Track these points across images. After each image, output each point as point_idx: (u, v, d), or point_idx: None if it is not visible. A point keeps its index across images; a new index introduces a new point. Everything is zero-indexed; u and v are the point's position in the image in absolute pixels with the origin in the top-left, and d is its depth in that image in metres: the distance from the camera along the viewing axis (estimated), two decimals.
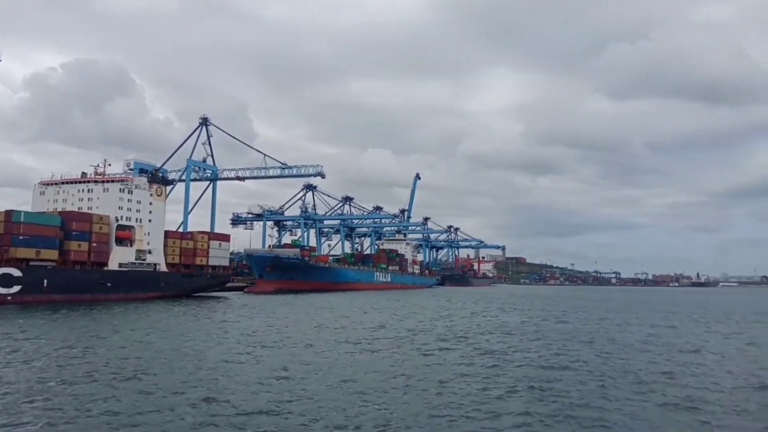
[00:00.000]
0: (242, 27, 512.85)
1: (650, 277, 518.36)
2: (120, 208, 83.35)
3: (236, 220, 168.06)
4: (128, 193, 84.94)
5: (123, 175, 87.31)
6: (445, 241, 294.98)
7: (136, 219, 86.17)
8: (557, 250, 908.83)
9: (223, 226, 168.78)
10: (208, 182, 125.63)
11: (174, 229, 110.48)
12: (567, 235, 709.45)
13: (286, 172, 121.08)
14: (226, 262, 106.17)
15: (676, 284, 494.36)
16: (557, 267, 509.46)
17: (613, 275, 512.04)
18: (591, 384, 24.03)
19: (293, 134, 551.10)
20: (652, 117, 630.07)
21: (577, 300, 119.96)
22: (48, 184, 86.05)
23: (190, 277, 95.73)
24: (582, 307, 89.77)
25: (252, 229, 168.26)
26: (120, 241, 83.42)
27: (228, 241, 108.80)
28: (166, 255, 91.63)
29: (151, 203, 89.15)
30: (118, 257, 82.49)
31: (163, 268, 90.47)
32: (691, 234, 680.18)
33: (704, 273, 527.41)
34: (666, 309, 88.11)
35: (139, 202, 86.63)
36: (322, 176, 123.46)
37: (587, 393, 22.28)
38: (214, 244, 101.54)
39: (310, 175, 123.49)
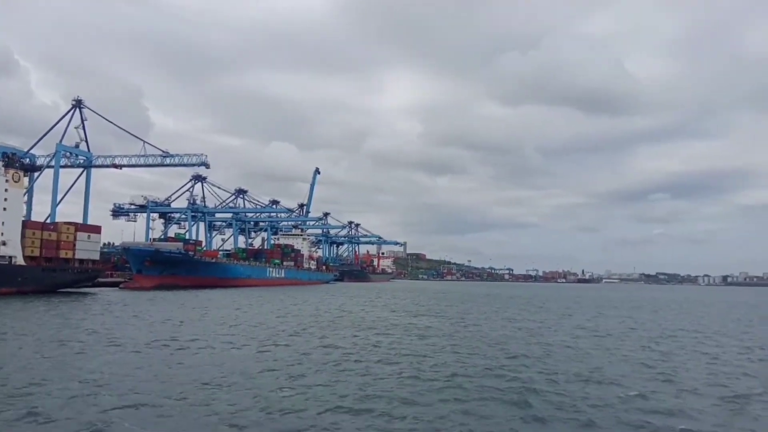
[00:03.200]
0: (138, 12, 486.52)
1: (540, 273, 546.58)
2: None
3: (118, 212, 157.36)
4: None
5: None
6: (345, 237, 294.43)
7: None
8: (455, 246, 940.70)
9: (106, 218, 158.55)
10: (81, 169, 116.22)
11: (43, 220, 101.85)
12: (464, 233, 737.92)
13: (168, 160, 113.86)
14: (96, 256, 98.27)
15: (564, 280, 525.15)
16: (454, 263, 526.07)
17: (507, 271, 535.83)
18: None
19: (193, 125, 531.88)
20: (541, 123, 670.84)
21: (454, 294, 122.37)
22: None
23: (53, 271, 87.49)
24: (466, 300, 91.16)
25: (135, 221, 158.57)
26: None
27: (99, 233, 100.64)
28: (24, 247, 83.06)
29: (6, 190, 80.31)
30: None
31: (20, 261, 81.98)
32: (578, 233, 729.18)
33: (589, 270, 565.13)
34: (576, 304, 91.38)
35: None
36: (207, 166, 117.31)
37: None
38: (81, 236, 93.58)
39: (193, 165, 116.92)
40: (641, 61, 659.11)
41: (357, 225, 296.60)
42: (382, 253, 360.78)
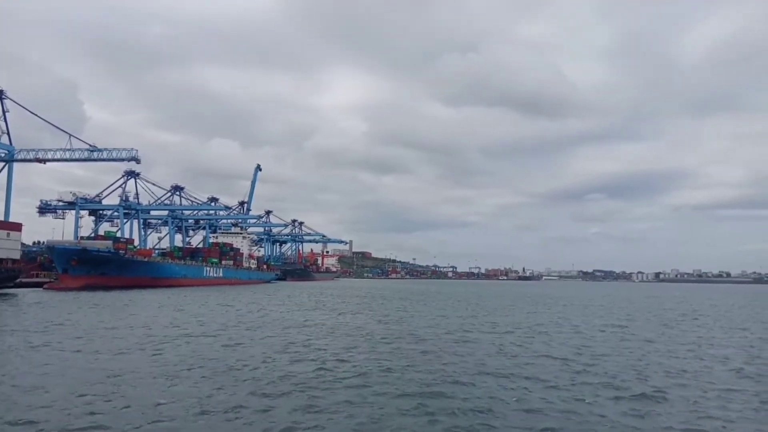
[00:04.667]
0: (72, 2, 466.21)
1: (483, 271, 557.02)
2: None
3: (44, 208, 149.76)
4: None
5: None
6: (288, 236, 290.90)
7: None
8: (401, 245, 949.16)
9: (34, 216, 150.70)
10: (2, 164, 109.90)
11: None
12: (410, 231, 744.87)
13: (96, 155, 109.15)
14: (16, 255, 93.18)
15: (505, 278, 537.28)
16: (399, 261, 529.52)
17: (450, 269, 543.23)
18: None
19: (130, 120, 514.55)
20: (482, 124, 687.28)
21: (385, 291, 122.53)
22: None
23: None
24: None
25: (63, 218, 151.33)
26: None
27: (19, 230, 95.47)
28: None
29: None
30: None
31: None
32: (518, 232, 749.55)
33: (529, 268, 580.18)
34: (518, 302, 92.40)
35: None
36: (137, 161, 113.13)
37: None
38: (0, 233, 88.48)
39: (123, 159, 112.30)
40: (577, 66, 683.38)
41: (301, 223, 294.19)
42: (327, 252, 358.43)
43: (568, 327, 47.72)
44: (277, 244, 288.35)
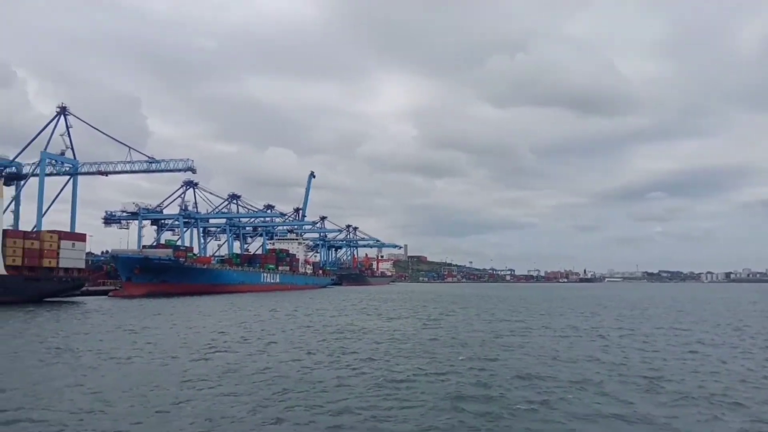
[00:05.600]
0: (126, 20, 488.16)
1: (542, 273, 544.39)
2: None
3: (109, 219, 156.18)
4: None
5: None
6: (343, 241, 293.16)
7: None
8: (457, 248, 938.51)
9: (99, 227, 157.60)
10: (68, 177, 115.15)
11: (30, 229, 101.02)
12: (464, 235, 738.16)
13: (154, 166, 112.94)
14: (81, 264, 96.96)
15: (566, 280, 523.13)
16: (455, 265, 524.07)
17: (508, 272, 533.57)
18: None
19: (189, 132, 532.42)
20: (533, 124, 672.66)
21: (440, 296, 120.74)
22: None
23: (36, 280, 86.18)
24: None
25: (127, 228, 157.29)
26: None
27: (84, 241, 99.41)
28: (5, 256, 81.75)
29: None
30: None
31: (0, 270, 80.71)
32: (577, 233, 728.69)
33: (591, 269, 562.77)
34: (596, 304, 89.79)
35: None
36: (193, 171, 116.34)
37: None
38: (66, 244, 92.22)
39: (179, 170, 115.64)
40: (630, 62, 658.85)
41: (355, 229, 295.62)
42: (382, 257, 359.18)
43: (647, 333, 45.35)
44: (333, 249, 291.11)
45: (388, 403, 19.21)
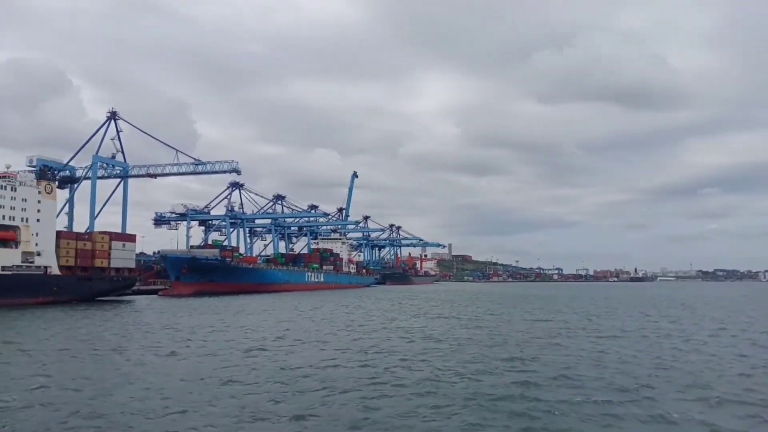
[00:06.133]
0: (175, 27, 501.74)
1: (591, 272, 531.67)
2: (1, 206, 76.59)
3: (159, 220, 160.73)
4: (11, 190, 77.99)
5: (5, 171, 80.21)
6: (386, 240, 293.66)
7: (21, 218, 79.28)
8: (502, 247, 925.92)
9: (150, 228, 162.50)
10: (118, 179, 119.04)
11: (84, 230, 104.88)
12: (511, 233, 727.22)
13: (200, 168, 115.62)
14: (131, 264, 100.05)
15: (616, 279, 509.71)
16: (501, 264, 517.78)
17: (556, 271, 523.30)
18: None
19: (236, 134, 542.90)
20: (580, 120, 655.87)
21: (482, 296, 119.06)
22: None
23: (89, 280, 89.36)
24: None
25: (177, 229, 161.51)
26: (2, 243, 76.48)
27: (134, 241, 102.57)
28: (59, 257, 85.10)
29: (39, 201, 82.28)
30: (1, 260, 75.78)
31: (55, 270, 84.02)
32: (627, 231, 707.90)
33: (642, 268, 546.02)
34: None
35: (24, 200, 79.74)
36: (238, 172, 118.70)
37: None
38: (116, 244, 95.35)
39: (224, 171, 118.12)
40: (681, 55, 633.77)
41: (398, 228, 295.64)
42: (426, 256, 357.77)
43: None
44: (376, 248, 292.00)
45: (413, 404, 18.96)
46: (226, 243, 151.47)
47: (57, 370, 25.57)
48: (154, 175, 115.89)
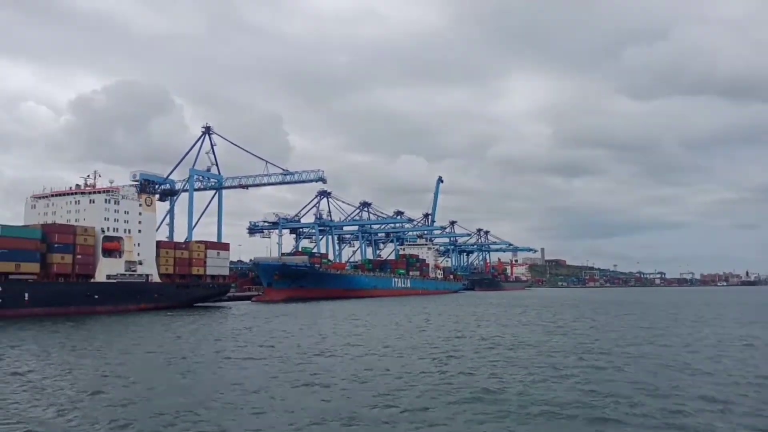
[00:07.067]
0: (266, 44, 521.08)
1: (697, 276, 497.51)
2: (106, 219, 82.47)
3: (253, 229, 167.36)
4: (114, 203, 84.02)
5: (110, 186, 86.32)
6: (474, 245, 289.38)
7: (125, 230, 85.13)
8: (599, 251, 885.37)
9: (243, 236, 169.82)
10: (213, 191, 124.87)
11: (182, 240, 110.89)
12: (608, 236, 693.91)
13: (288, 178, 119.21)
14: (225, 272, 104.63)
15: (725, 283, 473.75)
16: (598, 269, 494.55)
17: (658, 276, 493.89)
18: None
19: (326, 144, 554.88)
20: (680, 115, 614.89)
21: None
22: (39, 198, 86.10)
23: (186, 287, 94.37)
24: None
25: (269, 237, 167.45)
26: (108, 253, 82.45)
27: (227, 249, 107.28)
28: (158, 265, 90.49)
29: (140, 213, 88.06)
30: (106, 269, 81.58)
31: (155, 278, 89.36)
32: (737, 232, 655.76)
33: (754, 271, 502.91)
34: None
35: (126, 212, 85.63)
36: (323, 181, 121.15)
37: None
38: (211, 253, 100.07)
39: (311, 181, 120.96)
40: None
41: (486, 233, 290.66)
42: (516, 261, 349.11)
43: None
44: (464, 254, 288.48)
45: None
46: (315, 250, 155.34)
47: (177, 371, 27.60)
48: (246, 186, 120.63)
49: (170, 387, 24.10)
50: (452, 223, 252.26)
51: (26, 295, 70.06)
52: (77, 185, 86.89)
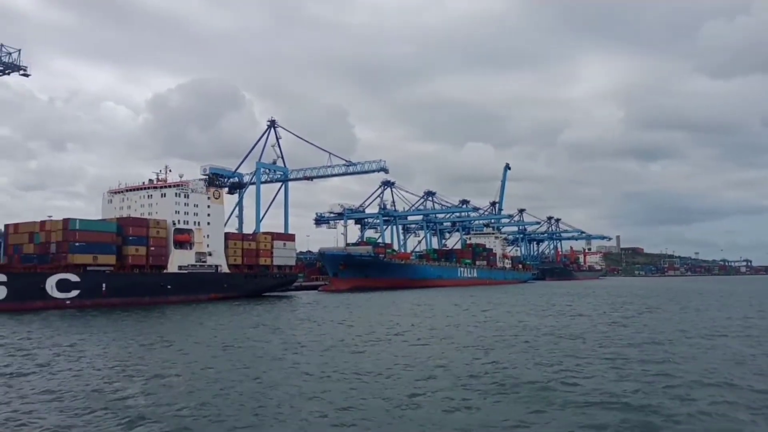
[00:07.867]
0: (329, 37, 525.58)
1: None
2: (177, 212, 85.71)
3: (319, 220, 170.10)
4: (184, 197, 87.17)
5: (180, 180, 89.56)
6: (545, 233, 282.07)
7: (194, 222, 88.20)
8: (680, 238, 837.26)
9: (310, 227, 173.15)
10: (280, 183, 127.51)
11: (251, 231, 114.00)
12: (688, 223, 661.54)
13: (350, 169, 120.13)
14: (292, 262, 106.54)
15: None
16: (678, 257, 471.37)
17: (743, 263, 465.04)
18: None
19: (392, 135, 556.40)
20: (764, 93, 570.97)
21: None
22: (115, 193, 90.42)
23: (254, 277, 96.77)
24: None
25: (335, 228, 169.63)
26: (179, 245, 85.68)
27: (293, 240, 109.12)
28: (227, 256, 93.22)
29: (209, 206, 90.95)
30: (178, 260, 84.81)
31: (224, 269, 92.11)
32: None
33: None
34: None
35: (196, 205, 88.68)
36: (386, 171, 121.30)
37: None
38: (278, 244, 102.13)
39: (373, 171, 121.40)
40: None
41: (557, 220, 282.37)
42: (589, 249, 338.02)
43: None
44: (534, 243, 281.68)
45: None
46: (380, 240, 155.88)
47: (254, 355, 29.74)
48: (311, 178, 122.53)
49: (236, 372, 25.42)
50: (521, 211, 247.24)
51: (104, 285, 73.83)
52: (150, 180, 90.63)
